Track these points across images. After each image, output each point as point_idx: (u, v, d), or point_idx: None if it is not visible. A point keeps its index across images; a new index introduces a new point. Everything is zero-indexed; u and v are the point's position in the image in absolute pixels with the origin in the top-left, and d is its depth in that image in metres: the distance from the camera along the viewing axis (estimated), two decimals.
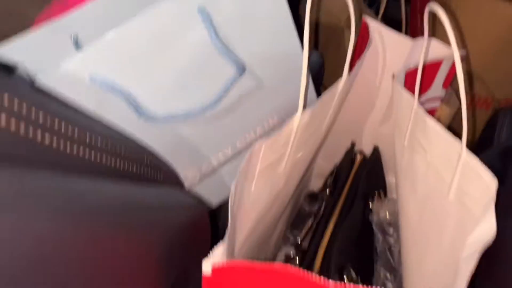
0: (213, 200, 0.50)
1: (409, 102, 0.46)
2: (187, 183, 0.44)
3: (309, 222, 0.64)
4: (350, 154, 0.63)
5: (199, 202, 0.34)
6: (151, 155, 0.30)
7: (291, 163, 0.43)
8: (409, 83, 0.58)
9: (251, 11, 0.38)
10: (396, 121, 0.51)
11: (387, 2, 0.80)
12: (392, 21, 0.83)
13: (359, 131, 0.65)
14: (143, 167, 0.28)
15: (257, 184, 0.39)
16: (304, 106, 0.38)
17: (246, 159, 0.34)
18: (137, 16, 0.34)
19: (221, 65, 0.38)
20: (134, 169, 0.26)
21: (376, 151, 0.62)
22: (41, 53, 0.38)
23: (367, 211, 0.57)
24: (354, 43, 0.41)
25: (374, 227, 0.57)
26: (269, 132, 0.49)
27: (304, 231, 0.64)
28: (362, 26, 0.57)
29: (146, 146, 0.34)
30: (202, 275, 0.25)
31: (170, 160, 0.43)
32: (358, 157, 0.62)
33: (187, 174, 0.46)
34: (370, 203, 0.57)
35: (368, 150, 0.64)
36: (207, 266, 0.25)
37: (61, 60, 0.37)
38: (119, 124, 0.37)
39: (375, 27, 0.55)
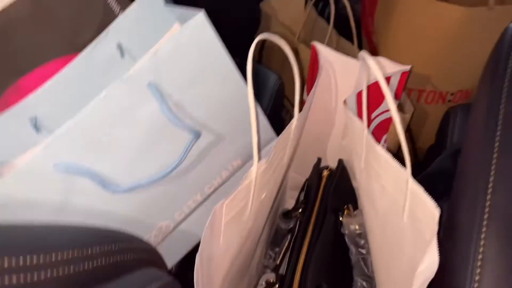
0: (188, 246, 0.53)
1: (361, 129, 0.49)
2: (159, 237, 0.47)
3: (287, 239, 0.68)
4: (317, 169, 0.66)
5: (172, 280, 0.36)
6: (120, 240, 0.33)
7: (256, 206, 0.46)
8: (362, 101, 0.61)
9: (200, 75, 0.41)
10: (352, 144, 0.54)
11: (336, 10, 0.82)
12: (345, 25, 0.85)
13: (325, 146, 0.69)
14: (113, 256, 0.30)
15: (225, 236, 0.41)
16: (260, 150, 0.41)
17: (209, 221, 0.36)
18: (92, 100, 0.36)
19: (177, 132, 0.40)
20: (104, 262, 0.28)
21: (340, 164, 0.66)
22: (2, 141, 0.40)
23: (339, 224, 0.61)
24: (300, 86, 0.44)
25: (346, 239, 0.60)
26: (234, 172, 0.52)
27: (283, 249, 0.67)
28: (312, 51, 0.60)
29: (112, 233, 0.36)
30: None
31: (143, 220, 0.45)
32: (325, 172, 0.65)
33: (162, 226, 0.48)
34: (340, 217, 0.61)
35: (335, 163, 0.67)
36: None
37: (21, 148, 0.39)
38: (88, 204, 0.39)
39: (324, 51, 0.57)
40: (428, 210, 0.38)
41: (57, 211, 0.38)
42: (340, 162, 0.66)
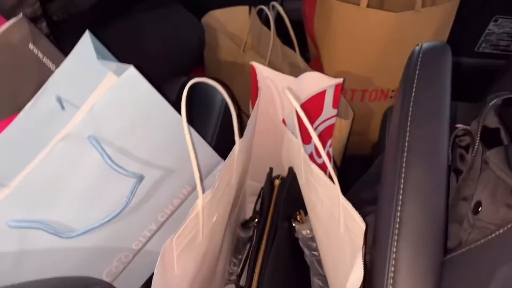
0: (149, 271, 0.56)
1: (298, 147, 0.53)
2: (120, 268, 0.50)
3: (247, 247, 0.72)
4: (269, 178, 0.70)
5: None
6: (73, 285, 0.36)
7: (207, 230, 0.50)
8: (306, 116, 0.65)
9: (138, 120, 0.43)
10: (292, 159, 0.58)
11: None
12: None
13: (278, 155, 0.72)
14: None
15: (179, 265, 0.45)
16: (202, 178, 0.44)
17: (160, 257, 0.40)
18: (36, 158, 0.39)
19: (121, 177, 0.43)
20: None
21: (291, 172, 0.70)
22: None
23: (293, 230, 0.65)
24: (237, 116, 0.47)
25: (300, 243, 0.65)
26: (185, 199, 0.55)
27: (243, 257, 0.72)
28: (251, 69, 0.63)
29: (64, 282, 0.39)
30: None
31: (102, 255, 0.48)
32: (277, 181, 0.69)
33: (121, 257, 0.51)
34: (293, 223, 0.65)
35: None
36: None
37: None
38: (45, 252, 0.42)
39: (261, 70, 0.60)
40: (357, 223, 0.43)
41: (15, 263, 0.41)
42: (290, 170, 0.70)
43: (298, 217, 0.66)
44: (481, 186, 0.40)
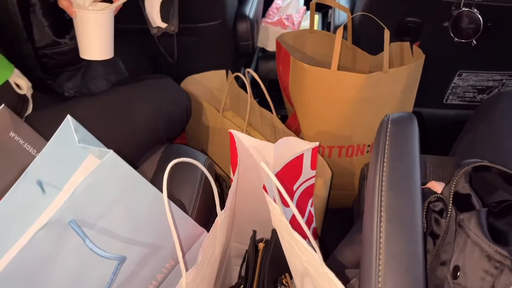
0: None
1: (279, 214, 0.54)
2: None
3: None
4: (253, 242, 0.70)
5: None
6: None
7: None
8: (285, 179, 0.67)
9: (119, 200, 0.44)
10: (275, 224, 0.59)
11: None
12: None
13: (261, 216, 0.73)
14: None
15: None
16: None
17: None
18: (17, 245, 0.39)
19: (103, 259, 0.43)
20: None
21: (274, 234, 0.70)
22: None
23: None
24: (218, 194, 0.48)
25: None
26: (169, 273, 0.55)
27: None
28: (230, 137, 0.64)
29: None
30: None
31: None
32: (260, 245, 0.69)
33: None
34: (278, 286, 0.65)
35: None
36: None
37: None
38: None
39: (240, 137, 0.62)
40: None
41: None
42: (274, 232, 0.70)
43: (283, 281, 0.66)
44: (458, 251, 0.41)
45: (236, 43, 1.01)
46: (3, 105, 0.44)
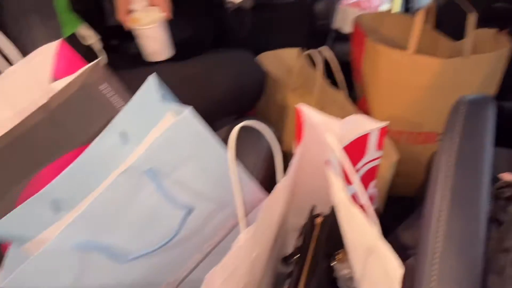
0: None
1: (340, 187, 0.55)
2: None
3: (286, 284, 0.73)
4: (311, 217, 0.72)
5: None
6: None
7: (248, 264, 0.52)
8: (349, 157, 0.67)
9: (192, 156, 0.47)
10: (335, 199, 0.60)
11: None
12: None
13: (322, 193, 0.74)
14: None
15: None
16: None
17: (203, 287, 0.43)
18: (100, 187, 0.43)
19: (174, 208, 0.47)
20: None
21: (333, 210, 0.71)
22: (28, 223, 0.47)
23: (332, 269, 0.66)
24: (281, 158, 0.50)
25: (338, 283, 0.65)
26: (230, 231, 0.58)
27: None
28: (296, 111, 0.66)
29: None
30: None
31: (151, 280, 0.52)
32: (318, 220, 0.71)
33: (169, 282, 0.55)
34: (332, 262, 0.66)
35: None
36: None
37: (45, 226, 0.47)
38: (100, 273, 0.46)
39: (307, 112, 0.63)
40: (395, 267, 0.44)
41: (74, 281, 0.45)
42: (333, 209, 0.71)
43: (337, 256, 0.67)
44: None
45: (312, 22, 1.01)
46: (99, 58, 0.49)
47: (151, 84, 0.49)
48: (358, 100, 1.05)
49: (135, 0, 0.73)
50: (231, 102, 0.81)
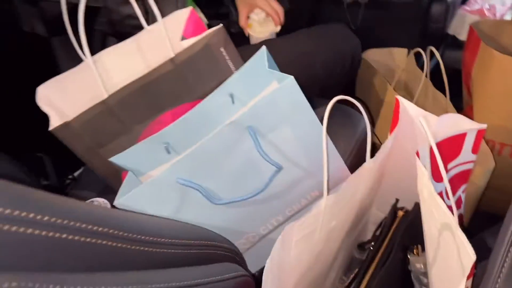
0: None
1: (427, 177, 0.56)
2: (247, 245, 0.59)
3: (357, 269, 0.75)
4: (393, 209, 0.73)
5: (248, 273, 0.48)
6: (213, 239, 0.45)
7: (325, 231, 0.56)
8: (442, 154, 0.67)
9: (289, 122, 0.52)
10: (420, 192, 0.61)
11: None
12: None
13: (407, 188, 0.75)
14: (206, 249, 0.43)
15: (295, 251, 0.52)
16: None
17: (281, 236, 0.47)
18: (207, 136, 0.50)
19: (266, 165, 0.52)
20: (198, 252, 0.41)
21: (416, 207, 0.71)
22: (144, 158, 0.56)
23: (407, 262, 0.67)
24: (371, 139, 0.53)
25: (412, 276, 0.66)
26: (312, 201, 0.62)
27: (352, 276, 0.75)
28: (395, 103, 0.68)
29: (208, 232, 0.49)
30: None
31: (235, 229, 0.58)
32: (400, 213, 0.72)
33: (249, 236, 0.61)
34: (408, 255, 0.67)
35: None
36: None
37: (157, 164, 0.55)
38: (195, 211, 0.53)
39: (404, 104, 0.65)
40: (468, 255, 0.44)
41: (174, 212, 0.52)
42: (416, 205, 0.72)
43: (414, 250, 0.67)
44: None
45: (425, 24, 1.00)
46: (220, 25, 0.57)
47: (261, 55, 0.55)
48: (463, 109, 1.02)
49: (255, 11, 0.87)
50: (328, 77, 0.85)
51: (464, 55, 0.93)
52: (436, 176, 0.63)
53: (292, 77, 0.49)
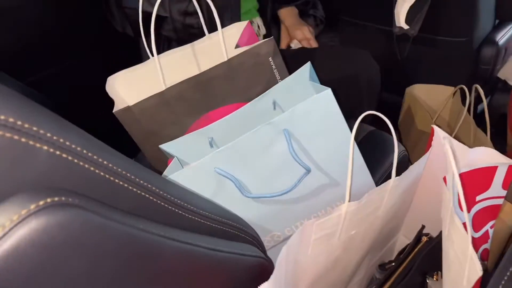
0: None
1: (449, 200, 0.58)
2: (271, 243, 0.63)
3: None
4: (419, 233, 0.75)
5: (268, 259, 0.52)
6: (241, 223, 0.50)
7: (345, 237, 0.59)
8: (470, 185, 0.68)
9: (322, 131, 0.57)
10: (443, 215, 0.63)
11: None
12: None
13: (435, 215, 0.76)
14: (232, 229, 0.48)
15: (313, 249, 0.55)
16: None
17: (299, 230, 0.51)
18: (246, 133, 0.56)
19: (296, 167, 0.57)
20: (226, 229, 0.46)
21: (440, 235, 0.73)
22: (189, 149, 0.62)
23: (425, 286, 0.68)
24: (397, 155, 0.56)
25: None
26: None
27: None
28: (431, 131, 0.70)
29: (238, 217, 0.54)
30: None
31: (261, 225, 0.63)
32: (424, 239, 0.73)
33: (274, 235, 0.65)
34: (427, 279, 0.68)
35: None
36: None
37: (200, 154, 0.61)
38: (227, 200, 0.58)
39: (438, 132, 0.67)
40: (476, 271, 0.47)
41: (209, 197, 0.58)
42: (441, 233, 0.73)
43: (434, 276, 0.69)
44: None
45: (475, 65, 1.02)
46: (270, 37, 0.64)
47: (305, 68, 0.61)
48: (506, 152, 1.02)
49: (294, 42, 1.08)
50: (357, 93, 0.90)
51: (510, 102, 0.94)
52: (462, 206, 0.64)
53: (329, 89, 0.54)
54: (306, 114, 0.55)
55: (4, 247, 0.25)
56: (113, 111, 0.64)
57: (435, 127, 0.69)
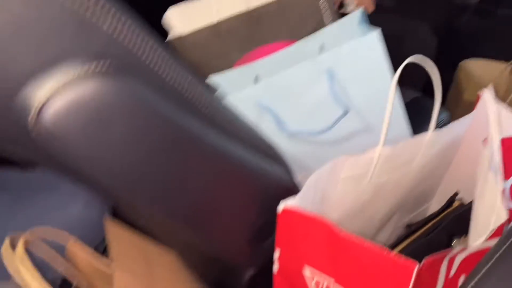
0: None
1: (486, 156, 0.58)
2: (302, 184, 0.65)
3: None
4: (451, 198, 0.74)
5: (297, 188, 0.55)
6: (276, 152, 0.53)
7: (375, 182, 0.60)
8: (506, 148, 0.67)
9: (364, 74, 0.58)
10: (478, 176, 0.62)
11: None
12: None
13: (472, 182, 0.76)
14: (263, 145, 0.51)
15: (342, 187, 0.57)
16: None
17: (331, 163, 0.53)
18: (289, 69, 0.58)
19: (334, 106, 0.58)
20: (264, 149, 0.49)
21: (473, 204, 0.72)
22: (234, 82, 0.65)
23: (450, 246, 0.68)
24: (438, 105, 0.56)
25: None
26: None
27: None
28: (477, 98, 0.69)
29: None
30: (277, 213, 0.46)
31: (297, 163, 0.65)
32: (456, 203, 0.73)
33: (307, 174, 0.67)
34: (453, 240, 0.68)
35: None
36: (280, 207, 0.46)
37: (244, 88, 0.64)
38: (266, 132, 0.61)
39: (485, 96, 0.66)
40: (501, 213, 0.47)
41: None
42: (473, 202, 0.72)
43: (462, 237, 0.69)
44: None
45: None
46: None
47: (357, 13, 0.61)
48: None
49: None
50: None
51: None
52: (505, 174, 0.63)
53: (378, 30, 0.55)
54: (351, 55, 0.57)
55: (70, 96, 0.29)
56: (166, 39, 0.67)
57: (484, 93, 0.67)
